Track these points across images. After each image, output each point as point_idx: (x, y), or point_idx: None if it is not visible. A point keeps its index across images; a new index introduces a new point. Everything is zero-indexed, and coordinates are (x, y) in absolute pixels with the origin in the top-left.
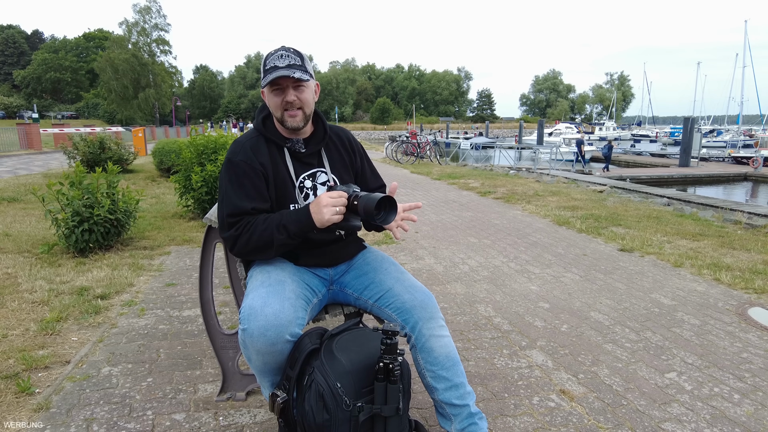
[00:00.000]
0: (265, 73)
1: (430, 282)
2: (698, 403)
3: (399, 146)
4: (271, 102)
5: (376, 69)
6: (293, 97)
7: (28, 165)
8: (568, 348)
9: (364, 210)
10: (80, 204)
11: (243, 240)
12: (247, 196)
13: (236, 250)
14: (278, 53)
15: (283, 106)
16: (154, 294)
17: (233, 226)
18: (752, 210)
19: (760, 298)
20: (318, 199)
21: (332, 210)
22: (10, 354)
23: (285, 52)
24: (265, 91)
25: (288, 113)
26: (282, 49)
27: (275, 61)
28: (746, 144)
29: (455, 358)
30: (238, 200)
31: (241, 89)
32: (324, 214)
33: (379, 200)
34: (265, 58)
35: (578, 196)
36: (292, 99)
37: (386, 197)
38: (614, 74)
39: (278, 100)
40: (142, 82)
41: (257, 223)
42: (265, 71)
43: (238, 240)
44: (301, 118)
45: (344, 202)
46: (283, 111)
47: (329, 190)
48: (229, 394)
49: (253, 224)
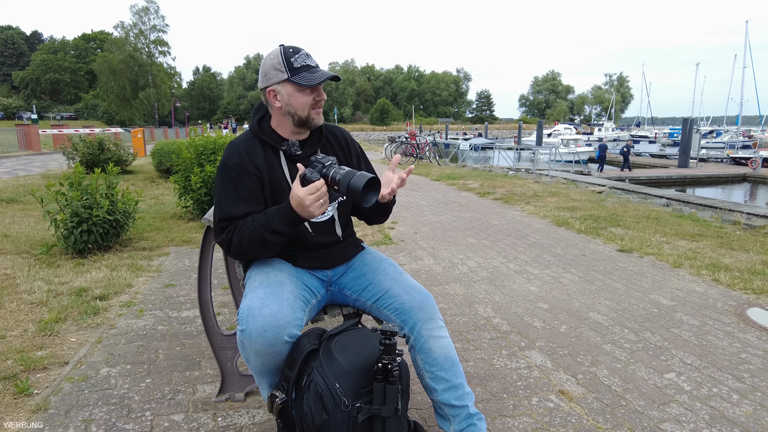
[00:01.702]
0: (294, 71)
1: (429, 283)
2: (697, 404)
3: (398, 147)
4: (299, 101)
5: (375, 70)
6: (324, 95)
7: (26, 166)
8: (567, 348)
9: (347, 190)
10: (79, 205)
11: (235, 243)
12: (240, 199)
13: (232, 253)
14: (303, 52)
15: (312, 105)
16: (152, 295)
17: (224, 231)
18: (751, 210)
19: (758, 298)
20: (298, 199)
21: (316, 204)
22: (8, 355)
23: (306, 51)
24: (291, 90)
25: (315, 111)
26: (301, 48)
27: (306, 60)
28: (745, 145)
29: (454, 359)
30: (230, 205)
31: (240, 90)
32: (310, 211)
33: (366, 182)
34: (289, 56)
35: (577, 196)
36: (325, 96)
37: (373, 179)
38: (613, 75)
39: (308, 99)
40: (140, 83)
41: (246, 225)
42: (297, 69)
43: (231, 244)
44: (322, 115)
45: (324, 191)
46: (311, 110)
47: (302, 181)
48: (227, 395)
49: (242, 227)
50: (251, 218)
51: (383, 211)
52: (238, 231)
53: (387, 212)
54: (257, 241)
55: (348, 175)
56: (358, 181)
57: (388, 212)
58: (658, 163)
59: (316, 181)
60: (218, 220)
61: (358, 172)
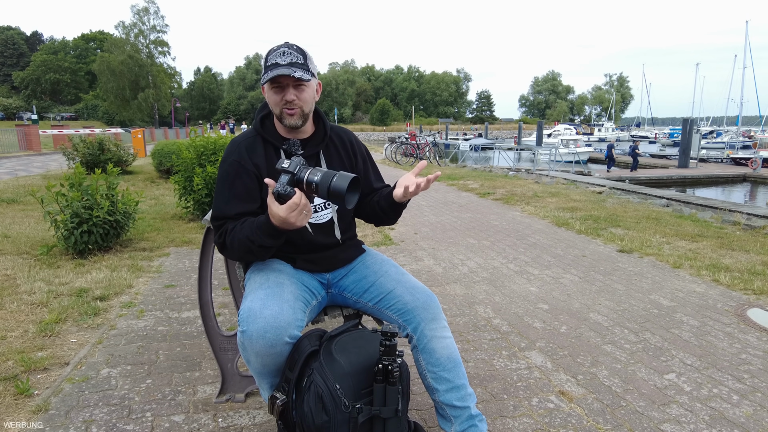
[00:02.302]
0: (266, 69)
1: (430, 283)
2: (697, 404)
3: (398, 147)
4: (270, 99)
5: (375, 70)
6: (292, 96)
7: (27, 166)
8: (567, 349)
9: (327, 194)
10: (79, 205)
11: (228, 247)
12: (235, 197)
13: (226, 255)
14: (281, 50)
15: (281, 105)
16: (153, 295)
17: (218, 231)
18: (751, 211)
19: (759, 299)
20: (279, 218)
21: (300, 218)
22: (8, 356)
23: (288, 49)
24: (265, 87)
25: (287, 111)
26: (285, 45)
27: (277, 58)
28: (745, 145)
29: (457, 360)
30: (224, 204)
31: (240, 90)
32: (295, 225)
33: (349, 182)
34: (267, 54)
35: (577, 197)
36: (291, 98)
37: (355, 178)
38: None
39: (277, 98)
40: (140, 84)
41: (236, 232)
42: (266, 67)
43: (224, 247)
44: (299, 116)
45: (305, 202)
46: (282, 108)
47: (278, 198)
48: (228, 396)
49: (232, 231)
50: (240, 225)
51: (396, 212)
52: (229, 234)
53: (399, 213)
54: (245, 249)
55: (326, 178)
56: (340, 183)
57: (399, 214)
58: (658, 164)
59: (292, 196)
60: (212, 218)
61: (337, 173)
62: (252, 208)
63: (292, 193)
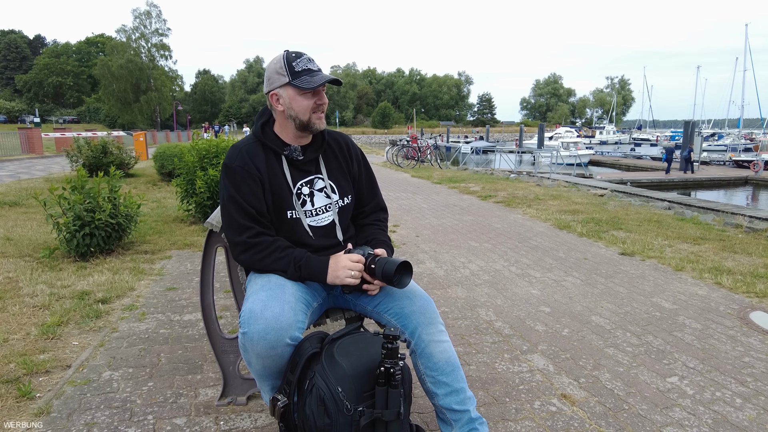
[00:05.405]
0: (295, 75)
1: (431, 286)
2: (700, 408)
3: (400, 150)
4: (301, 105)
5: (376, 73)
6: (326, 98)
7: (29, 169)
8: (569, 352)
9: (381, 274)
10: (82, 208)
11: (254, 262)
12: (246, 202)
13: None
14: (305, 57)
15: (313, 109)
16: (155, 298)
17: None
18: (753, 214)
19: (761, 302)
20: (338, 259)
21: (349, 273)
22: (10, 358)
23: (309, 56)
24: (292, 94)
25: (316, 115)
26: (303, 53)
27: (308, 65)
28: (747, 148)
29: (455, 363)
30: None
31: (242, 93)
32: (340, 275)
33: (398, 265)
34: (291, 61)
35: (579, 200)
36: (326, 101)
37: (405, 263)
38: (614, 78)
39: (310, 102)
40: (142, 87)
41: (276, 249)
42: (298, 73)
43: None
44: (324, 119)
45: (361, 267)
46: (312, 114)
47: (347, 253)
48: (230, 399)
49: (266, 250)
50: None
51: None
52: (261, 251)
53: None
54: (273, 267)
55: (382, 261)
56: (390, 266)
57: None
58: (659, 166)
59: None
60: (232, 243)
61: (391, 259)
62: (265, 221)
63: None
